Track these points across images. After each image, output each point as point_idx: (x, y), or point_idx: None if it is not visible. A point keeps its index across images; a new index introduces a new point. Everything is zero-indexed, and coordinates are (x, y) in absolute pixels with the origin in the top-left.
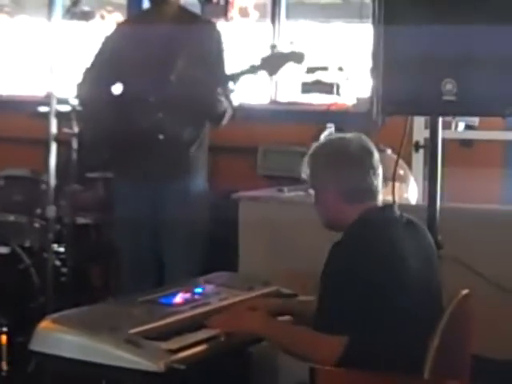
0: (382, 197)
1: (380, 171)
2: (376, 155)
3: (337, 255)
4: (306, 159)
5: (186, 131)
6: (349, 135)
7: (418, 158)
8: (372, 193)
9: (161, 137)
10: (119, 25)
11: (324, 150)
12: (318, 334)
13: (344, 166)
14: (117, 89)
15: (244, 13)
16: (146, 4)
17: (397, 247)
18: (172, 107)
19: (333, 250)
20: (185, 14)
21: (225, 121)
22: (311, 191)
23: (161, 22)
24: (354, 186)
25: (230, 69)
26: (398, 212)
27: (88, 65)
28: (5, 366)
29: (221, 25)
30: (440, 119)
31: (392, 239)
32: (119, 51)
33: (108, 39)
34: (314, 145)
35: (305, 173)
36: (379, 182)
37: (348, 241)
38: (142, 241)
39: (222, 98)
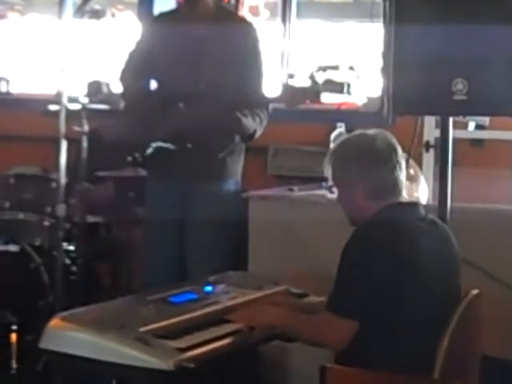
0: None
1: (403, 166)
2: (399, 150)
3: (355, 241)
4: (329, 156)
5: (215, 140)
6: (371, 131)
7: (429, 158)
8: (397, 188)
9: (189, 145)
10: (153, 21)
11: (350, 147)
12: (329, 317)
13: (372, 162)
14: (152, 85)
15: (254, 12)
16: (156, 2)
17: (415, 243)
18: (201, 118)
19: (353, 235)
20: (220, 11)
21: (255, 138)
22: (334, 188)
23: (195, 19)
24: (381, 183)
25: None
26: (422, 211)
27: (125, 61)
28: (14, 364)
29: None
30: (451, 119)
31: (411, 234)
32: (153, 48)
33: (142, 36)
34: (338, 142)
35: (326, 172)
36: (403, 176)
37: (368, 229)
38: (168, 241)
39: (248, 118)
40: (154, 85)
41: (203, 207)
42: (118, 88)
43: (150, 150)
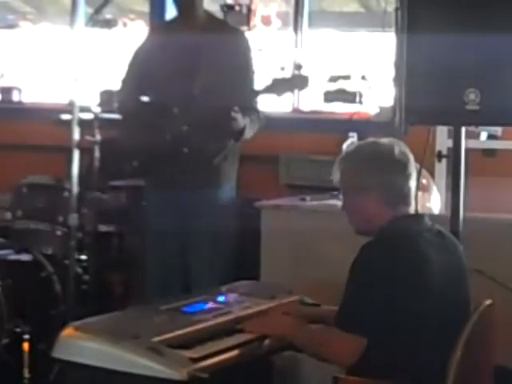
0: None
1: (415, 176)
2: (413, 160)
3: (365, 256)
4: (338, 162)
5: (211, 144)
6: (385, 140)
7: (441, 168)
8: (409, 198)
9: (185, 150)
10: (150, 32)
11: (365, 154)
12: (338, 333)
13: (390, 170)
14: (147, 97)
15: (266, 21)
16: (169, 11)
17: (422, 256)
18: (196, 120)
19: (362, 250)
20: (213, 22)
21: (246, 136)
22: (341, 195)
23: (189, 30)
24: (396, 191)
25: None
26: (429, 222)
27: (123, 73)
28: (27, 374)
29: None
30: (463, 129)
31: (420, 248)
32: (149, 59)
33: (139, 47)
34: (348, 148)
35: (335, 176)
36: (415, 187)
37: (377, 244)
38: (170, 250)
39: (240, 116)
40: (149, 96)
41: (202, 214)
42: (115, 101)
43: (147, 159)
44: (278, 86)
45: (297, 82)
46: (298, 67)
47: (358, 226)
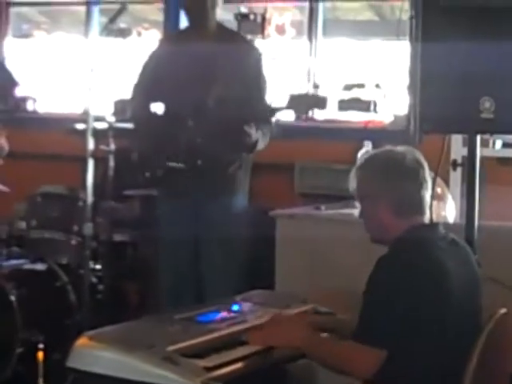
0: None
1: (430, 185)
2: (427, 169)
3: (382, 269)
4: (355, 170)
5: (224, 155)
6: (400, 148)
7: (456, 177)
8: (422, 207)
9: (199, 162)
10: (160, 43)
11: (377, 161)
12: (357, 346)
13: (400, 177)
14: (159, 107)
15: (281, 30)
16: (183, 20)
17: (440, 267)
18: (210, 133)
19: (378, 263)
20: (224, 33)
21: (258, 148)
22: (358, 203)
23: (200, 41)
24: (407, 200)
25: (270, 89)
26: (442, 231)
27: (135, 82)
28: (41, 383)
29: (257, 42)
30: (478, 137)
31: (436, 258)
32: (160, 70)
33: (151, 56)
34: (364, 156)
35: (351, 185)
36: (429, 196)
37: (393, 256)
38: (183, 258)
39: (253, 130)
40: (161, 107)
41: (216, 223)
42: (127, 110)
43: (161, 170)
44: (296, 104)
45: (314, 102)
46: (316, 86)
47: (373, 234)
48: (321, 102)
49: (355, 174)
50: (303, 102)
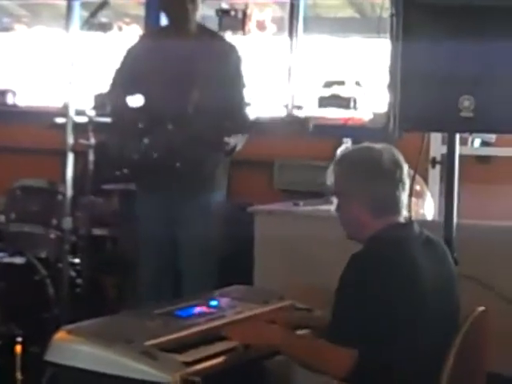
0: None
1: (407, 185)
2: (405, 168)
3: (353, 267)
4: (333, 166)
5: (203, 156)
6: (378, 146)
7: (435, 174)
8: (397, 207)
9: (178, 165)
10: (140, 39)
11: (354, 159)
12: (330, 345)
13: (375, 177)
14: (137, 101)
15: (261, 26)
16: (164, 16)
17: (414, 265)
18: (189, 138)
19: (350, 261)
20: (204, 33)
21: (237, 150)
22: (335, 199)
23: (180, 40)
24: (382, 199)
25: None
26: (417, 229)
27: (112, 76)
28: (19, 376)
29: (238, 38)
30: (457, 135)
31: (410, 257)
32: (139, 66)
33: (129, 52)
34: (342, 152)
35: (329, 180)
36: (406, 196)
37: (365, 254)
38: (162, 254)
39: (232, 139)
40: (140, 100)
41: (194, 219)
42: (106, 103)
43: (137, 168)
44: (276, 127)
45: (295, 124)
46: (298, 108)
47: (348, 231)
48: (302, 125)
49: (332, 169)
50: (282, 125)
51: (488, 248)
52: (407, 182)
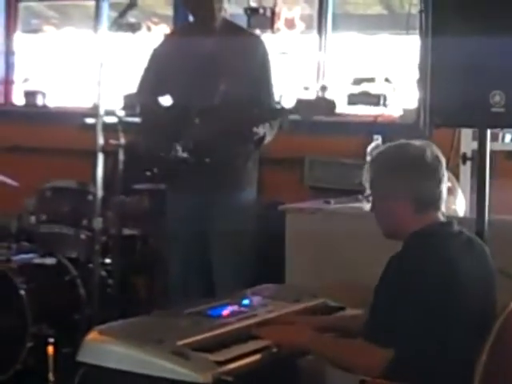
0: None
1: (446, 180)
2: (444, 163)
3: (394, 268)
4: (370, 164)
5: (232, 150)
6: (417, 142)
7: (466, 170)
8: (438, 203)
9: (207, 160)
10: (165, 37)
11: (394, 155)
12: (365, 344)
13: (420, 173)
14: (166, 101)
15: (290, 24)
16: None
17: (454, 266)
18: (217, 131)
19: (390, 262)
20: (230, 28)
21: (266, 141)
22: (371, 197)
23: (206, 37)
24: (425, 196)
25: (276, 82)
26: (457, 228)
27: (140, 76)
28: (52, 377)
29: (267, 36)
30: (488, 131)
31: (450, 257)
32: (165, 65)
33: (155, 52)
34: (379, 149)
35: (365, 179)
36: (445, 191)
37: (406, 255)
38: (192, 252)
39: (260, 128)
40: (168, 100)
41: (225, 216)
42: (135, 104)
43: (168, 165)
44: (303, 109)
45: (322, 106)
46: (323, 89)
47: (386, 230)
48: (329, 106)
49: (369, 167)
50: (309, 107)
51: None
52: (446, 176)
